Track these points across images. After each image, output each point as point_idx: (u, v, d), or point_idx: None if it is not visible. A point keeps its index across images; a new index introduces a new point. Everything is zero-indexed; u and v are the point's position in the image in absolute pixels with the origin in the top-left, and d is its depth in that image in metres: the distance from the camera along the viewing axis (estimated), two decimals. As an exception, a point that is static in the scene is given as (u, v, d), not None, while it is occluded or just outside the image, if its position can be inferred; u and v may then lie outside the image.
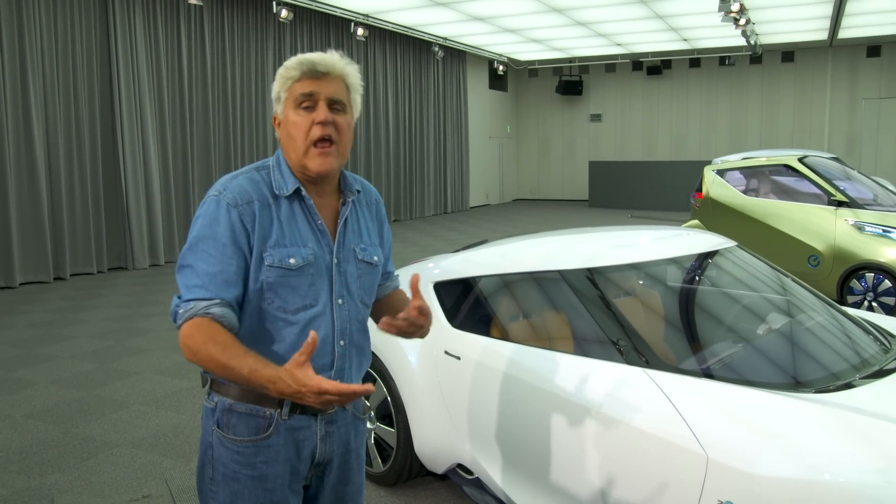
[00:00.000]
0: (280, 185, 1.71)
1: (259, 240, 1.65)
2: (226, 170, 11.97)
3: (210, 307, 1.57)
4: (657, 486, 2.31)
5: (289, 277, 1.66)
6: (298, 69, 1.69)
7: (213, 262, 1.61)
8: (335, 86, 1.70)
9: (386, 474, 3.52)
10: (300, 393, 1.46)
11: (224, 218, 1.64)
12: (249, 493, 1.70)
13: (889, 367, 2.70)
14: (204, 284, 1.60)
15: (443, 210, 18.65)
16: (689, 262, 3.36)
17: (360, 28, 13.80)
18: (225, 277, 1.61)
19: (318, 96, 1.68)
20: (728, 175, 8.17)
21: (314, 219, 1.73)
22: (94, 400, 4.92)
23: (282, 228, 1.68)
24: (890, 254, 6.72)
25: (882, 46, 17.94)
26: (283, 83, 1.72)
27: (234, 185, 1.69)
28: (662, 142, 20.75)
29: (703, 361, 2.73)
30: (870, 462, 2.01)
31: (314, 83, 1.68)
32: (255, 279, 1.66)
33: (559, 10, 13.54)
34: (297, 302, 1.68)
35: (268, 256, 1.65)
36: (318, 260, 1.71)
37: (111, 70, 10.08)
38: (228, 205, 1.65)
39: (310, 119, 1.68)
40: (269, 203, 1.69)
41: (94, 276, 9.87)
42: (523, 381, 2.83)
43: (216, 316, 1.57)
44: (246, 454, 1.69)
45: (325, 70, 1.69)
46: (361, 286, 1.80)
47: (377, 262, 1.84)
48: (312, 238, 1.71)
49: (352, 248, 1.78)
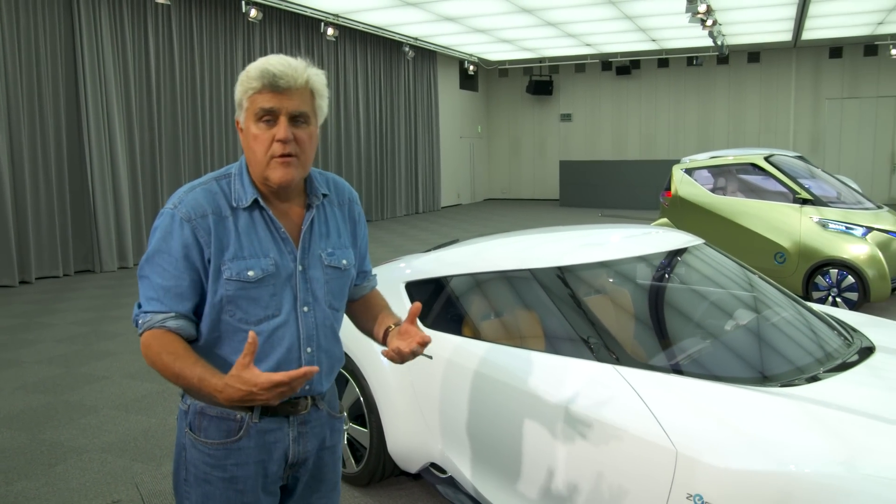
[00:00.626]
0: (239, 196, 1.69)
1: (216, 253, 1.64)
2: (195, 170, 11.86)
3: (166, 320, 1.62)
4: (628, 481, 2.34)
5: (248, 290, 1.65)
6: (260, 80, 1.63)
7: (167, 277, 1.63)
8: (297, 99, 1.65)
9: (359, 475, 3.52)
10: (251, 394, 1.48)
11: (177, 233, 1.63)
12: (221, 494, 1.71)
13: (851, 360, 2.77)
14: (159, 298, 1.63)
15: (414, 210, 18.64)
16: (659, 260, 3.40)
17: (330, 28, 13.75)
18: (178, 292, 1.64)
19: (279, 112, 1.63)
20: (696, 174, 8.28)
21: (276, 227, 1.71)
22: (62, 405, 4.85)
23: (240, 241, 1.66)
24: (853, 250, 6.86)
25: (844, 48, 18.30)
26: (243, 91, 1.67)
27: (189, 198, 1.67)
28: (632, 141, 20.95)
29: (672, 357, 2.77)
30: (834, 453, 2.06)
31: (275, 98, 1.63)
32: (214, 292, 1.65)
33: (529, 11, 13.61)
34: (259, 313, 1.67)
35: (226, 270, 1.64)
36: (280, 269, 1.69)
37: (77, 70, 9.92)
38: (182, 219, 1.64)
39: (270, 134, 1.64)
40: (226, 214, 1.67)
41: (61, 279, 9.71)
42: (495, 380, 2.85)
43: (171, 328, 1.62)
44: (217, 456, 1.70)
45: (287, 85, 1.63)
46: (329, 291, 1.78)
47: (346, 266, 1.81)
48: (274, 248, 1.69)
49: (318, 254, 1.76)
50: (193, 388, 1.58)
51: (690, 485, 2.15)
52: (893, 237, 7.13)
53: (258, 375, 1.47)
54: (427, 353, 3.14)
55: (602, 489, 2.41)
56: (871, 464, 2.00)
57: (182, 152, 11.63)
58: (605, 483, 2.40)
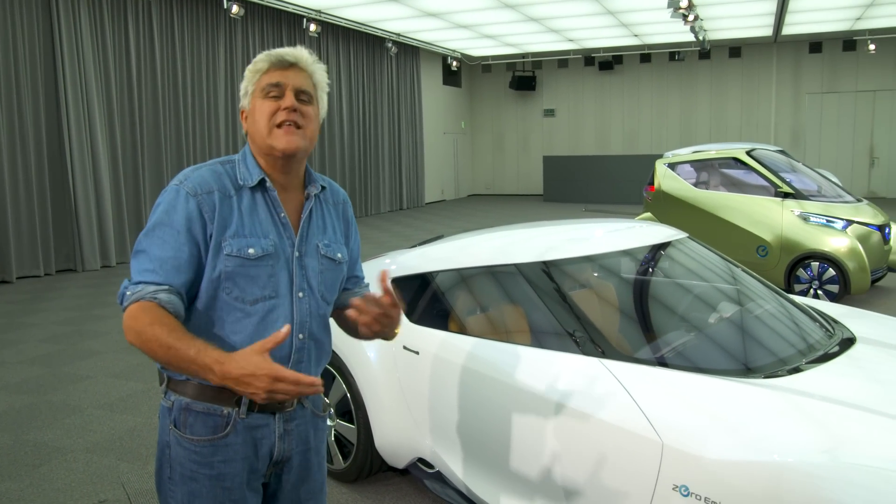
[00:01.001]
0: (245, 177, 1.72)
1: (218, 229, 1.65)
2: (177, 167, 11.77)
3: (158, 292, 1.57)
4: (614, 473, 2.36)
5: (248, 267, 1.66)
6: (266, 61, 1.71)
7: (166, 248, 1.61)
8: (302, 77, 1.72)
9: (347, 471, 3.52)
10: (251, 376, 1.43)
11: (182, 206, 1.63)
12: (208, 492, 1.69)
13: (833, 351, 2.81)
14: (155, 269, 1.60)
15: (398, 206, 18.62)
16: (643, 254, 3.42)
17: (312, 24, 13.70)
18: (176, 264, 1.61)
19: (285, 86, 1.70)
20: (679, 168, 8.32)
21: (277, 211, 1.73)
22: (46, 405, 4.81)
23: (242, 219, 1.68)
24: (833, 243, 6.94)
25: (823, 43, 18.48)
26: (251, 77, 1.73)
27: (195, 175, 1.69)
28: (615, 136, 21.05)
29: (657, 350, 2.79)
30: (817, 443, 2.09)
31: (281, 73, 1.70)
32: (213, 267, 1.64)
33: (512, 6, 13.62)
34: (256, 292, 1.67)
35: (227, 246, 1.65)
36: (279, 252, 1.71)
37: (56, 67, 9.81)
38: (188, 194, 1.65)
39: (276, 105, 1.69)
40: (231, 194, 1.69)
41: (42, 278, 9.62)
42: (482, 374, 2.86)
43: (162, 301, 1.57)
44: (203, 453, 1.69)
45: (293, 60, 1.71)
46: (323, 282, 1.79)
47: (340, 260, 1.83)
48: (274, 230, 1.71)
49: (314, 243, 1.78)
50: (185, 360, 1.50)
51: (676, 476, 2.17)
52: (873, 230, 7.22)
53: (268, 361, 1.44)
54: (413, 348, 3.16)
55: (589, 481, 2.43)
56: (853, 452, 2.03)
57: (164, 150, 11.54)
58: (591, 475, 2.42)
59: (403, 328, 3.24)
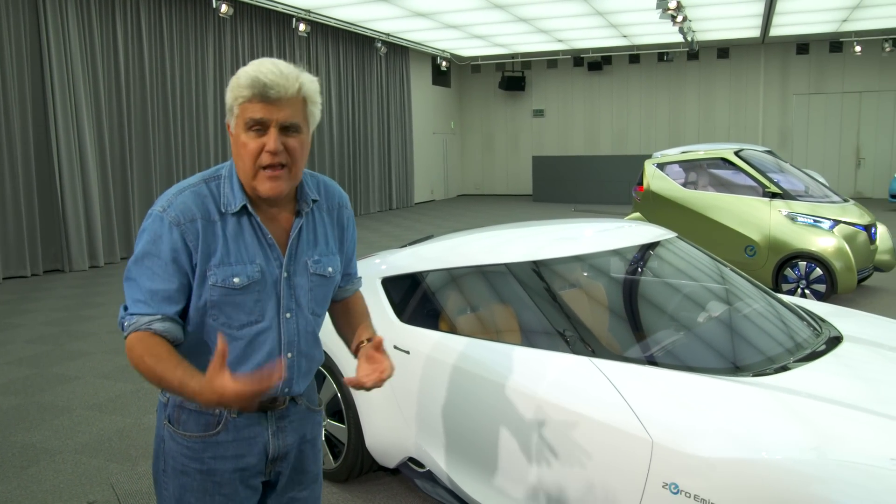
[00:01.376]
0: (228, 202, 1.67)
1: (202, 258, 1.63)
2: (166, 167, 11.73)
3: (152, 322, 1.60)
4: (605, 471, 2.37)
5: (233, 296, 1.65)
6: (250, 90, 1.58)
7: (155, 280, 1.61)
8: (288, 109, 1.61)
9: (337, 471, 3.52)
10: (223, 399, 1.45)
11: (167, 236, 1.62)
12: (198, 486, 1.73)
13: (820, 349, 2.83)
14: (146, 300, 1.61)
15: (388, 206, 18.61)
16: (632, 254, 3.44)
17: (301, 24, 13.68)
18: (166, 295, 1.62)
19: (269, 123, 1.60)
20: (668, 168, 8.36)
21: (263, 234, 1.70)
22: (34, 406, 4.78)
23: (227, 246, 1.65)
24: (821, 243, 6.99)
25: (810, 44, 18.60)
26: (233, 97, 1.62)
27: (178, 201, 1.65)
28: (604, 136, 21.11)
29: (646, 349, 2.81)
30: (804, 440, 2.11)
31: (265, 108, 1.59)
32: (199, 296, 1.65)
33: (501, 7, 13.64)
34: (242, 318, 1.67)
35: (211, 276, 1.63)
36: (266, 276, 1.69)
37: (43, 67, 9.75)
38: (171, 223, 1.62)
39: (260, 143, 1.60)
40: (215, 219, 1.65)
41: (29, 278, 9.55)
42: (472, 374, 2.87)
43: (157, 331, 1.60)
44: (195, 449, 1.72)
45: (278, 96, 1.59)
46: (313, 298, 1.77)
47: (331, 274, 1.81)
48: (260, 254, 1.69)
49: (304, 261, 1.75)
50: (175, 392, 1.55)
51: (666, 474, 2.19)
52: (859, 230, 7.28)
53: (227, 384, 1.43)
54: (404, 348, 3.16)
55: (579, 480, 2.44)
56: (841, 449, 2.05)
57: (153, 150, 11.49)
58: (582, 474, 2.43)
59: (394, 328, 3.25)
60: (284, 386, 1.75)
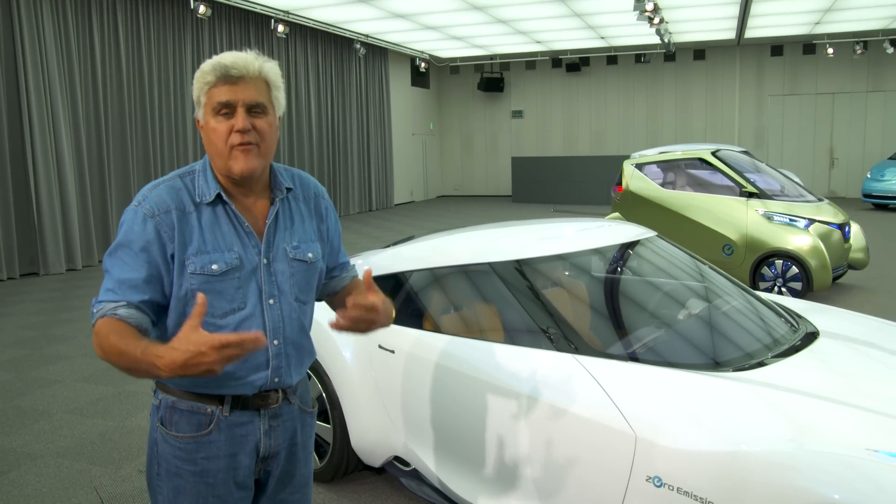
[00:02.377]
0: (203, 192, 1.72)
1: (179, 248, 1.67)
2: (144, 169, 11.64)
3: (116, 308, 1.62)
4: (590, 466, 2.41)
5: (213, 283, 1.68)
6: (213, 73, 1.67)
7: (125, 270, 1.65)
8: (252, 89, 1.68)
9: (323, 470, 3.53)
10: (199, 354, 1.40)
11: (139, 228, 1.66)
12: (191, 488, 1.73)
13: (797, 345, 2.90)
14: (114, 289, 1.65)
15: (367, 208, 18.59)
16: (612, 252, 3.49)
17: (280, 25, 13.63)
18: (133, 283, 1.65)
19: (235, 104, 1.67)
20: (646, 169, 8.45)
21: (239, 222, 1.74)
22: (13, 411, 4.73)
23: (203, 235, 1.69)
24: (796, 241, 7.10)
25: (784, 46, 18.86)
26: (200, 87, 1.70)
27: (153, 194, 1.70)
28: (582, 137, 21.24)
29: (628, 346, 2.85)
30: (782, 432, 2.16)
31: (230, 90, 1.66)
32: (180, 286, 1.67)
33: (480, 8, 13.69)
34: (225, 306, 1.69)
35: (190, 264, 1.67)
36: (244, 263, 1.72)
37: (17, 68, 9.61)
38: (145, 215, 1.67)
39: (229, 125, 1.67)
40: (190, 210, 1.70)
41: (5, 282, 9.43)
42: (457, 372, 2.90)
43: (121, 316, 1.62)
44: (187, 450, 1.72)
45: (240, 74, 1.67)
46: (295, 284, 1.79)
47: (312, 260, 1.83)
48: (238, 242, 1.72)
49: (282, 247, 1.78)
50: (136, 362, 1.51)
51: (649, 467, 2.23)
52: (834, 228, 7.41)
53: (207, 334, 1.42)
54: (389, 347, 3.18)
55: (564, 475, 2.48)
56: (817, 440, 2.10)
57: (131, 151, 11.39)
58: (567, 469, 2.47)
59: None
60: (274, 376, 1.75)
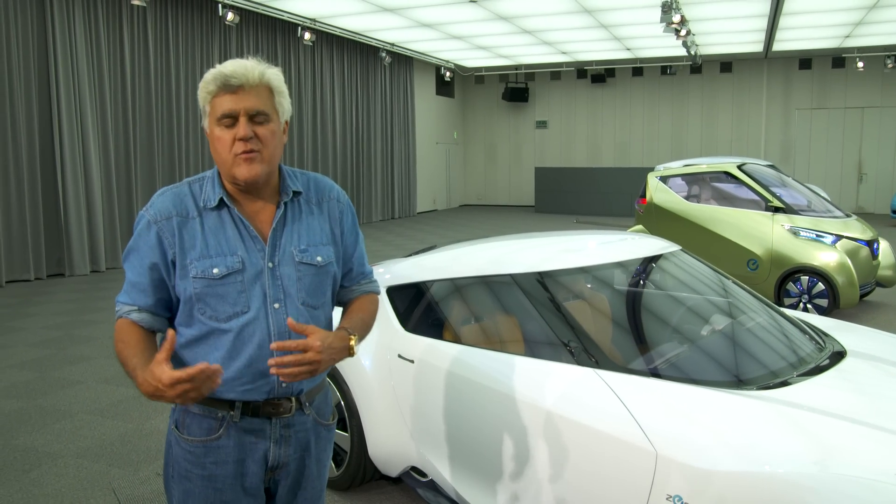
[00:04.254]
0: (207, 198, 1.75)
1: (180, 253, 1.71)
2: (170, 174, 11.77)
3: (130, 312, 1.73)
4: (609, 482, 2.38)
5: (215, 287, 1.69)
6: (214, 83, 1.70)
7: (135, 273, 1.74)
8: (253, 97, 1.70)
9: (340, 479, 3.52)
10: (158, 390, 1.49)
11: (144, 234, 1.74)
12: (200, 492, 1.74)
13: (824, 364, 2.84)
14: (127, 291, 1.75)
15: (390, 216, 18.64)
16: (635, 266, 3.45)
17: (307, 32, 13.74)
18: (141, 287, 1.73)
19: (237, 113, 1.69)
20: (670, 181, 8.38)
21: (245, 227, 1.75)
22: (36, 410, 4.78)
23: (206, 240, 1.72)
24: (823, 257, 7.00)
25: (813, 59, 18.67)
26: (204, 97, 1.74)
27: (158, 201, 1.76)
28: (606, 149, 21.15)
29: (650, 361, 2.82)
30: (807, 454, 2.11)
31: (231, 99, 1.69)
32: (184, 290, 1.70)
33: (506, 18, 13.70)
34: (228, 310, 1.70)
35: (192, 268, 1.70)
36: (248, 267, 1.72)
37: (49, 71, 9.79)
38: (149, 221, 1.74)
39: (232, 134, 1.70)
40: (193, 216, 1.74)
41: (32, 282, 9.57)
42: (476, 384, 2.87)
43: (134, 319, 1.72)
44: (197, 454, 1.74)
45: (240, 82, 1.69)
46: (302, 288, 1.77)
47: (321, 263, 1.80)
48: (241, 246, 1.73)
49: (289, 251, 1.77)
50: (131, 376, 1.62)
51: (670, 486, 2.19)
52: (862, 245, 7.29)
53: (163, 372, 1.48)
54: (408, 357, 3.17)
55: (582, 491, 2.45)
56: (843, 464, 2.05)
57: (157, 155, 11.53)
58: (586, 485, 2.44)
59: (398, 337, 3.26)
60: (282, 382, 1.73)
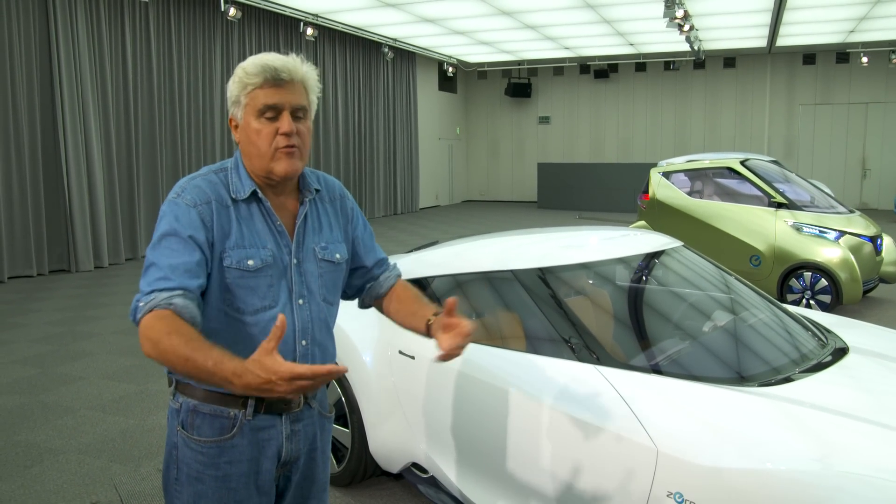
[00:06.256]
0: (237, 189, 1.72)
1: (219, 238, 1.66)
2: (173, 169, 11.77)
3: (172, 297, 1.53)
4: (610, 479, 2.37)
5: (247, 279, 1.67)
6: (261, 76, 1.66)
7: (175, 255, 1.59)
8: (297, 93, 1.70)
9: (341, 475, 3.52)
10: (269, 383, 1.37)
11: (184, 215, 1.64)
12: (213, 493, 1.71)
13: (826, 361, 2.83)
14: (167, 276, 1.56)
15: (392, 211, 18.63)
16: (637, 262, 3.44)
17: (309, 28, 13.71)
18: (187, 268, 1.59)
19: (282, 107, 1.67)
20: (673, 177, 8.37)
21: (272, 220, 1.74)
22: (38, 406, 4.79)
23: (241, 230, 1.69)
24: (826, 253, 6.98)
25: (817, 55, 18.60)
26: (242, 87, 1.69)
27: (191, 185, 1.70)
28: (609, 144, 21.12)
29: (651, 358, 2.81)
30: (809, 451, 2.11)
31: (277, 93, 1.67)
32: (214, 279, 1.66)
33: (508, 13, 13.67)
34: (256, 303, 1.69)
35: (227, 258, 1.66)
36: (277, 261, 1.72)
37: (52, 67, 9.79)
38: (187, 205, 1.65)
39: (273, 128, 1.68)
40: (228, 204, 1.70)
41: (34, 278, 9.58)
42: (477, 379, 2.87)
43: (178, 307, 1.52)
44: (210, 454, 1.70)
45: (288, 78, 1.68)
46: (323, 285, 1.80)
47: (339, 261, 1.84)
48: (271, 239, 1.72)
49: (311, 248, 1.78)
50: (204, 373, 1.45)
51: (671, 482, 2.19)
52: (865, 241, 7.27)
53: (281, 364, 1.37)
54: (409, 353, 3.16)
55: (584, 488, 2.44)
56: (845, 461, 2.04)
57: (160, 151, 11.53)
58: (587, 481, 2.43)
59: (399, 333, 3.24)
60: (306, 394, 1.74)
